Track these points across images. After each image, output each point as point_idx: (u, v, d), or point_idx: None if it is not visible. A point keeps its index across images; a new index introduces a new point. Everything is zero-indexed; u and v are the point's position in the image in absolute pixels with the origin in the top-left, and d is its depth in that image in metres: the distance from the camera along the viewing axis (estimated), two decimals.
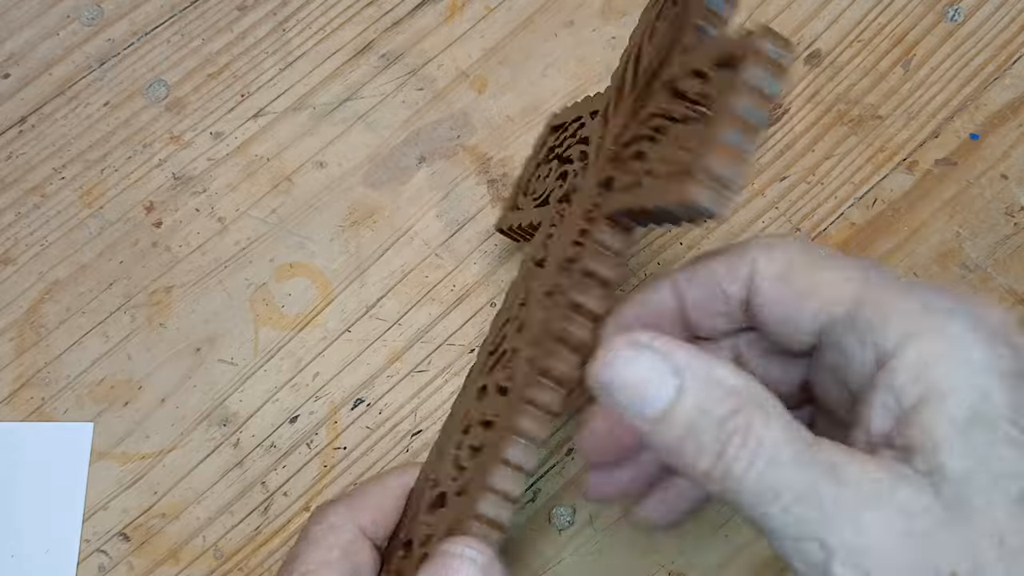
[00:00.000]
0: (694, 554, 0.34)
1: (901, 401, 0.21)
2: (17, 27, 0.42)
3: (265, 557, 0.35)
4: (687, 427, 0.22)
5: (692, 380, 0.22)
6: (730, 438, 0.21)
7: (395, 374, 0.37)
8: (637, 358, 0.22)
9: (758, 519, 0.21)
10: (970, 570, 0.20)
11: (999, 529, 0.20)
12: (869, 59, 0.40)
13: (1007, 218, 0.38)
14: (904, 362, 0.21)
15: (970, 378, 0.21)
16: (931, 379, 0.21)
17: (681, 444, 0.22)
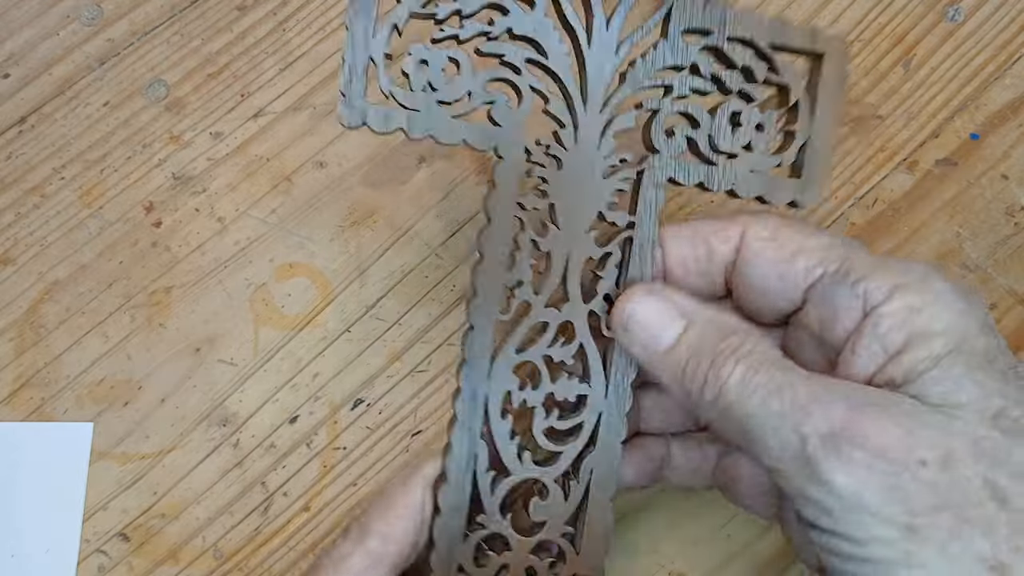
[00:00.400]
0: (694, 554, 0.34)
1: (886, 346, 0.24)
2: (17, 27, 0.42)
3: (265, 557, 0.35)
4: (691, 353, 0.26)
5: (697, 319, 0.26)
6: (722, 352, 0.25)
7: (395, 374, 0.37)
8: (653, 302, 0.27)
9: (744, 418, 0.24)
10: (940, 458, 0.22)
11: (974, 436, 0.22)
12: (869, 59, 0.40)
13: (1007, 218, 0.38)
14: (891, 310, 0.24)
15: (952, 323, 0.24)
16: (916, 325, 0.24)
17: (684, 368, 0.26)
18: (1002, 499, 0.22)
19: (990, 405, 0.23)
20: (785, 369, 0.24)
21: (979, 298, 0.25)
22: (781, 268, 0.27)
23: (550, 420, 0.28)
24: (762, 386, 0.24)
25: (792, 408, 0.23)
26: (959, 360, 0.23)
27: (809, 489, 0.23)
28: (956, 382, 0.23)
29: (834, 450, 0.22)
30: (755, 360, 0.25)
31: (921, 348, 0.24)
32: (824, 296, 0.26)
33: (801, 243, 0.27)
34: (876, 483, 0.22)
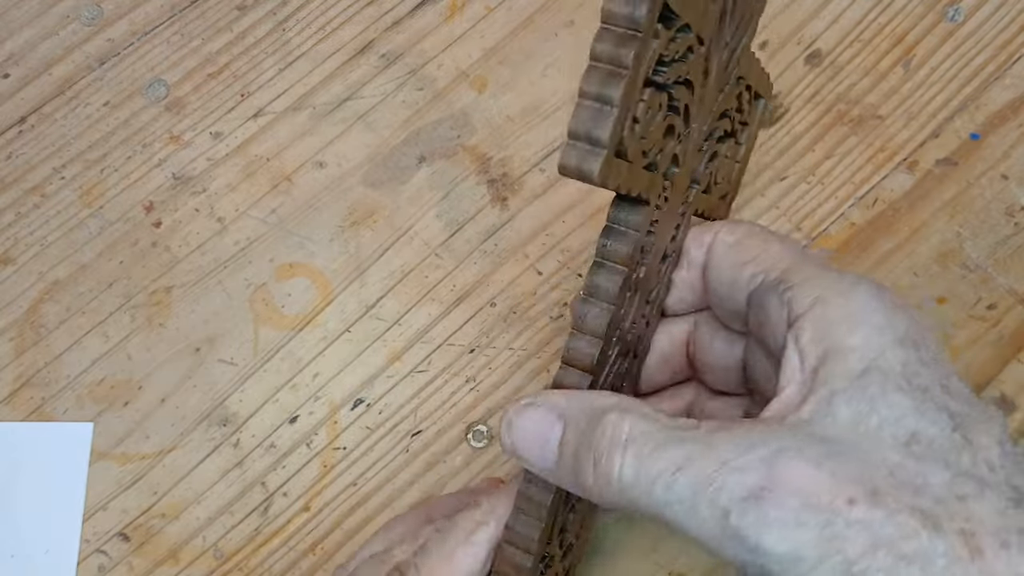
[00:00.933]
0: (694, 554, 0.34)
1: (804, 358, 0.23)
2: (17, 27, 0.42)
3: (265, 557, 0.35)
4: (574, 455, 0.24)
5: (570, 414, 0.24)
6: (599, 445, 0.23)
7: (395, 374, 0.37)
8: (527, 415, 0.25)
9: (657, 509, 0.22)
10: (866, 493, 0.21)
11: (889, 465, 0.21)
12: (869, 59, 0.40)
13: (1007, 218, 0.38)
14: (810, 321, 0.24)
15: (869, 338, 0.23)
16: (833, 338, 0.23)
17: (575, 474, 0.24)
18: (934, 525, 0.21)
19: (902, 428, 0.22)
20: (678, 441, 0.22)
21: (910, 311, 0.24)
22: (733, 274, 0.27)
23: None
24: (661, 472, 0.22)
25: (701, 484, 0.21)
26: (875, 378, 0.22)
27: (745, 557, 0.22)
28: (870, 403, 0.22)
29: (757, 515, 0.21)
30: (641, 444, 0.22)
31: (836, 364, 0.23)
32: (758, 302, 0.26)
33: (757, 251, 0.27)
34: (810, 536, 0.21)
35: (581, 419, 0.24)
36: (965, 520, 0.21)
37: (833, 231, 0.38)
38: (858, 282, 0.24)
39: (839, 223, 0.38)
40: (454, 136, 0.40)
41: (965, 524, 0.21)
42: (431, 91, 0.40)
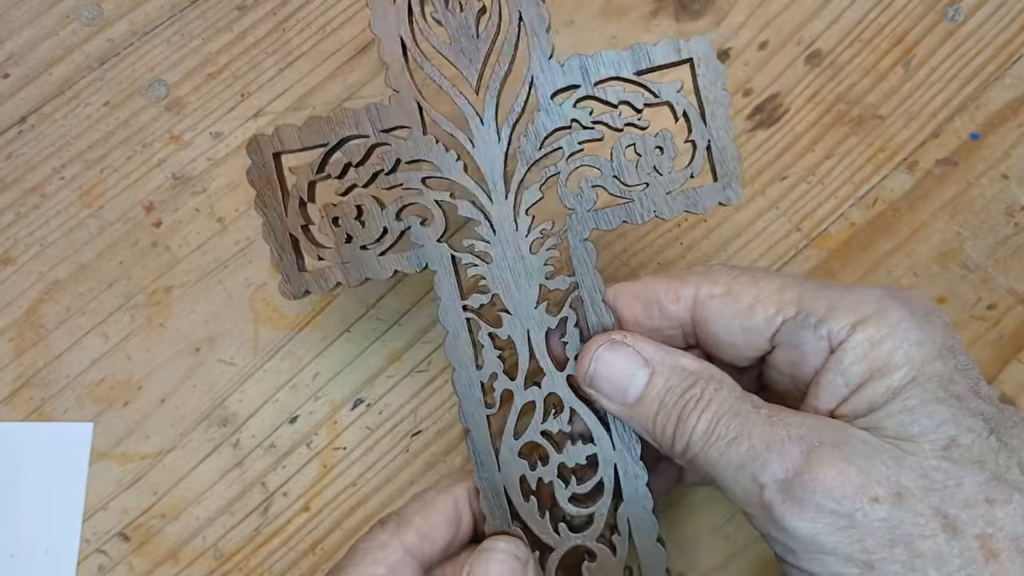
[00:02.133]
0: (694, 554, 0.34)
1: (848, 380, 0.25)
2: (17, 27, 0.42)
3: (265, 557, 0.35)
4: (659, 404, 0.26)
5: (660, 366, 0.27)
6: (688, 402, 0.26)
7: (395, 374, 0.37)
8: (614, 354, 0.27)
9: (709, 468, 0.25)
10: (892, 494, 0.23)
11: (924, 469, 0.23)
12: (869, 59, 0.40)
13: (1007, 218, 0.38)
14: (853, 346, 0.25)
15: (910, 355, 0.25)
16: (876, 358, 0.25)
17: (654, 419, 0.26)
18: (953, 530, 0.23)
19: (941, 435, 0.24)
20: (745, 416, 0.25)
21: (939, 318, 0.26)
22: (742, 321, 0.27)
23: (571, 488, 0.29)
24: (722, 437, 0.25)
25: (749, 457, 0.24)
26: (915, 391, 0.24)
27: (772, 531, 0.24)
28: (911, 414, 0.24)
29: (789, 496, 0.23)
30: (716, 410, 0.25)
31: (881, 381, 0.25)
32: (790, 342, 0.27)
33: (756, 293, 0.27)
34: (831, 524, 0.23)
35: (672, 375, 0.27)
36: (987, 524, 0.23)
37: (833, 231, 0.38)
38: (885, 298, 0.26)
39: (839, 223, 0.38)
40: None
41: (987, 528, 0.23)
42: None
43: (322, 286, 0.29)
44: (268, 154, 0.29)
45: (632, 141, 0.29)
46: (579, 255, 0.29)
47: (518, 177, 0.29)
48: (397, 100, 0.29)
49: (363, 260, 0.29)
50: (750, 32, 0.41)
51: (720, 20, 0.41)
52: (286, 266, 0.30)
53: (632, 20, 0.41)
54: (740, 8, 0.41)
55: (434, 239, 0.29)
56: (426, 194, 0.29)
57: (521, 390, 0.29)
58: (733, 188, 0.29)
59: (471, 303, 0.29)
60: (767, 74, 0.40)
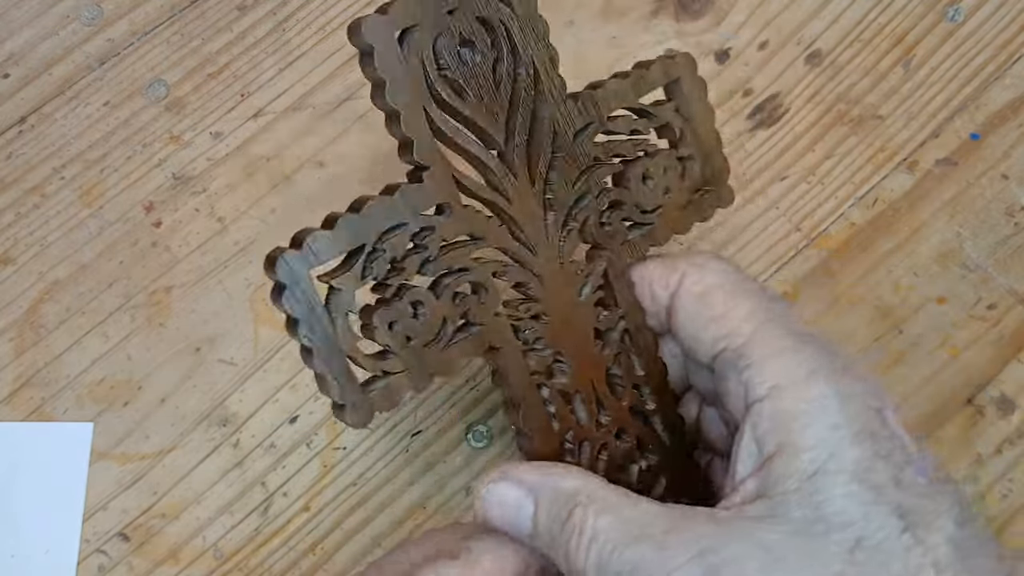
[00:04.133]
0: None
1: (762, 447, 0.24)
2: (17, 27, 0.42)
3: (265, 557, 0.35)
4: (548, 535, 0.25)
5: (542, 494, 0.25)
6: (569, 538, 0.24)
7: None
8: (499, 489, 0.26)
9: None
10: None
11: (834, 572, 0.22)
12: (869, 59, 0.40)
13: (1007, 218, 0.38)
14: (767, 412, 0.24)
15: (822, 438, 0.23)
16: (789, 433, 0.24)
17: (551, 549, 0.25)
18: None
19: (847, 536, 0.22)
20: (636, 541, 0.23)
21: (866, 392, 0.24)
22: (696, 331, 0.27)
23: None
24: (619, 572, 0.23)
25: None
26: (824, 481, 0.23)
27: None
28: (816, 509, 0.23)
29: None
30: (603, 542, 0.24)
31: (789, 463, 0.23)
32: (720, 372, 0.26)
33: (722, 309, 0.26)
34: None
35: (550, 502, 0.25)
36: None
37: (833, 231, 0.38)
38: (815, 368, 0.24)
39: (839, 223, 0.38)
40: None
41: None
42: None
43: (391, 401, 0.26)
44: (302, 273, 0.25)
45: (644, 167, 0.29)
46: (621, 290, 0.29)
47: (556, 226, 0.28)
48: (430, 177, 0.26)
49: (427, 359, 0.26)
50: (750, 32, 0.41)
51: (720, 20, 0.41)
52: (350, 395, 0.25)
53: (632, 20, 0.41)
54: (740, 8, 0.41)
55: (491, 313, 0.27)
56: (477, 270, 0.27)
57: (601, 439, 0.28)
58: (724, 190, 0.30)
59: (536, 366, 0.28)
60: (767, 74, 0.40)
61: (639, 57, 0.31)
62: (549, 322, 0.28)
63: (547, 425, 0.28)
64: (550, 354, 0.28)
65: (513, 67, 0.27)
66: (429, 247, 0.26)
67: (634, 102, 0.29)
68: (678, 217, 0.30)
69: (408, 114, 0.25)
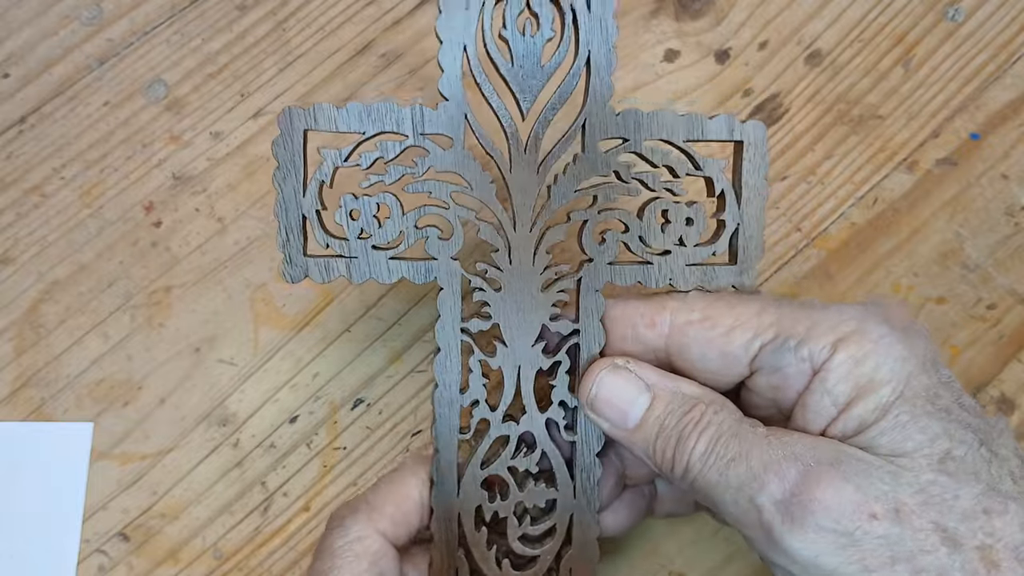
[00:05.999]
0: (694, 555, 0.34)
1: (836, 399, 0.25)
2: (17, 27, 0.42)
3: (265, 557, 0.35)
4: (659, 428, 0.26)
5: (661, 391, 0.27)
6: (687, 425, 0.26)
7: (395, 374, 0.37)
8: (616, 379, 0.27)
9: (708, 490, 0.25)
10: (890, 510, 0.23)
11: (921, 484, 0.23)
12: (869, 59, 0.40)
13: (1007, 218, 0.38)
14: (836, 365, 0.25)
15: (895, 369, 0.25)
16: (862, 376, 0.25)
17: (654, 443, 0.27)
18: (953, 543, 0.23)
19: (936, 449, 0.24)
20: (742, 437, 0.25)
21: (920, 331, 0.26)
22: (720, 347, 0.27)
23: (523, 527, 0.29)
24: (721, 458, 0.25)
25: (747, 478, 0.24)
26: (904, 407, 0.24)
27: (771, 554, 0.24)
28: (903, 430, 0.24)
29: (788, 517, 0.23)
30: (715, 432, 0.25)
31: (868, 399, 0.25)
32: (770, 366, 0.27)
33: (734, 318, 0.27)
34: (830, 544, 0.23)
35: (672, 400, 0.27)
36: (987, 535, 0.23)
37: (833, 231, 0.38)
38: (866, 315, 0.26)
39: (839, 223, 0.38)
40: None
41: (986, 539, 0.23)
42: (431, 91, 0.40)
43: (323, 275, 0.28)
44: (299, 129, 0.28)
45: (665, 207, 0.29)
46: (588, 305, 0.29)
47: (547, 214, 0.28)
48: (444, 108, 0.28)
49: (372, 260, 0.28)
50: (750, 32, 0.41)
51: (720, 20, 0.41)
52: (291, 247, 0.28)
53: (632, 20, 0.41)
54: (740, 8, 0.41)
55: (448, 255, 0.28)
56: (452, 208, 0.28)
57: (499, 422, 0.29)
58: (749, 275, 0.29)
59: (470, 327, 0.29)
60: (767, 74, 0.40)
61: (639, 57, 0.31)
62: (501, 296, 0.29)
63: (459, 381, 0.29)
64: (488, 324, 0.29)
65: (565, 53, 0.28)
66: (417, 165, 0.28)
67: (679, 141, 0.29)
68: (681, 271, 0.29)
69: (448, 46, 0.28)
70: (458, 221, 0.28)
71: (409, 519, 0.29)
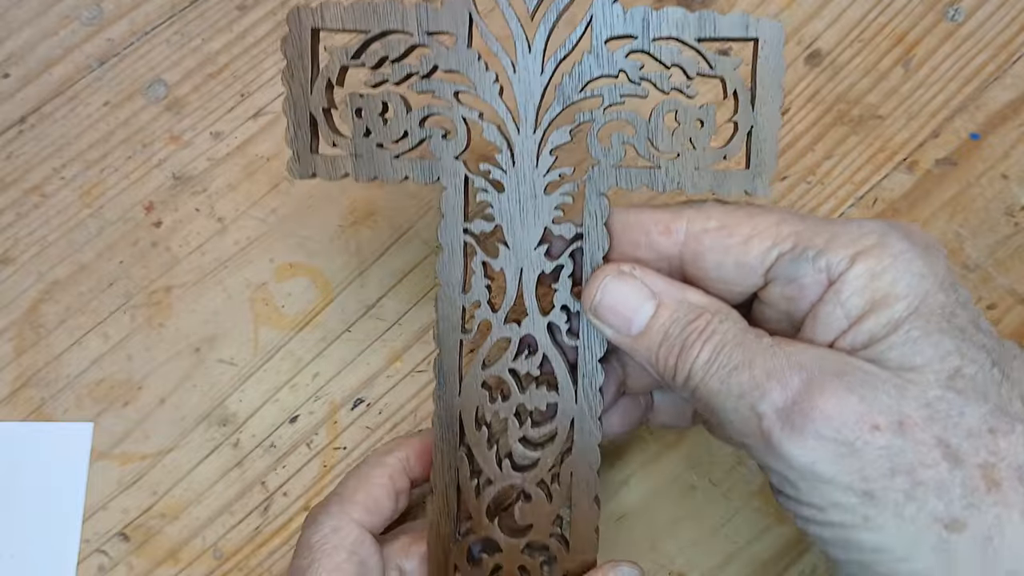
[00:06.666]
0: (694, 554, 0.34)
1: (848, 312, 0.25)
2: (17, 27, 0.42)
3: (265, 557, 0.35)
4: (663, 335, 0.26)
5: (667, 299, 0.26)
6: (691, 333, 0.25)
7: (395, 374, 0.37)
8: (621, 285, 0.27)
9: (710, 398, 0.25)
10: (894, 423, 0.23)
11: (928, 399, 0.23)
12: (869, 59, 0.40)
13: (1007, 218, 0.38)
14: (853, 277, 0.25)
15: (912, 285, 0.24)
16: (877, 289, 0.24)
17: (657, 351, 0.26)
18: (955, 459, 0.23)
19: (946, 366, 0.23)
20: (747, 346, 0.25)
21: (939, 252, 0.26)
22: (736, 256, 0.27)
23: (524, 429, 0.29)
24: (724, 366, 0.25)
25: (750, 386, 0.24)
26: (918, 323, 0.24)
27: (770, 462, 0.24)
28: (915, 344, 0.24)
29: (788, 425, 0.23)
30: (719, 340, 0.25)
31: (882, 312, 0.24)
32: (786, 275, 0.26)
33: (752, 227, 0.27)
34: (829, 453, 0.23)
35: (678, 308, 0.26)
36: (990, 454, 0.23)
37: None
38: (887, 231, 0.25)
39: None
40: None
41: (989, 457, 0.23)
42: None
43: (330, 172, 0.29)
44: (307, 27, 0.28)
45: (675, 107, 0.28)
46: (592, 208, 0.28)
47: (551, 114, 0.28)
48: (449, 5, 0.28)
49: (377, 158, 0.29)
50: None
51: None
52: (299, 144, 0.29)
53: None
54: (740, 8, 0.41)
55: (452, 155, 0.29)
56: (455, 108, 0.28)
57: (500, 324, 0.29)
58: (763, 180, 0.28)
59: (473, 227, 0.29)
60: None
61: None
62: (504, 196, 0.29)
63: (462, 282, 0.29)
64: (492, 225, 0.29)
65: None
66: (422, 64, 0.28)
67: (691, 38, 0.27)
68: (691, 174, 0.28)
69: None
70: (463, 121, 0.29)
71: (381, 505, 0.29)
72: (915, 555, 0.23)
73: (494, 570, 0.30)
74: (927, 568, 0.22)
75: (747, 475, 0.35)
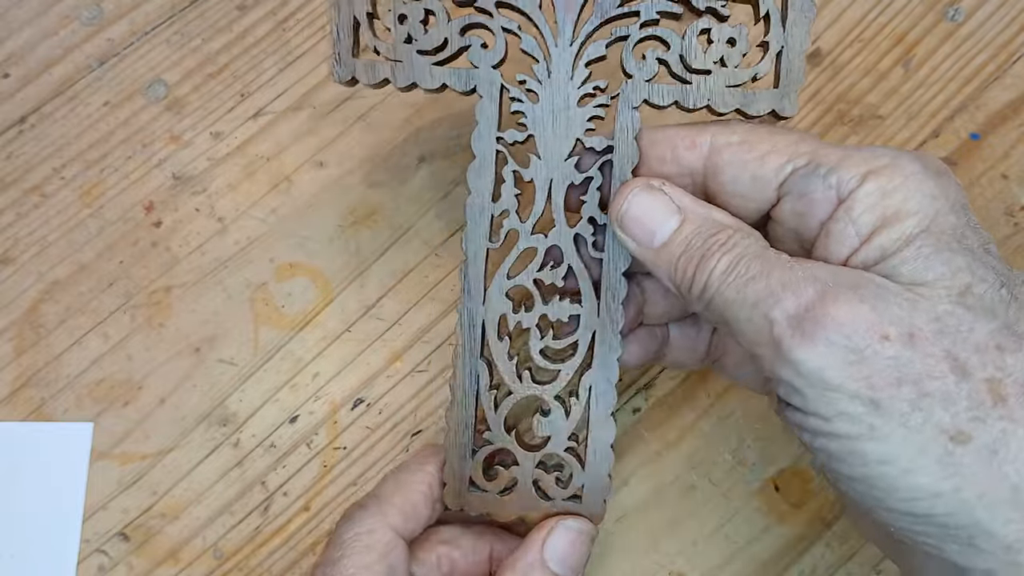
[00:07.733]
0: (694, 554, 0.34)
1: (859, 229, 0.25)
2: (17, 27, 0.42)
3: (265, 557, 0.35)
4: (684, 248, 0.26)
5: (691, 215, 0.27)
6: (712, 246, 0.26)
7: (395, 374, 0.37)
8: (648, 197, 0.27)
9: (724, 308, 0.25)
10: (903, 334, 0.23)
11: (938, 313, 0.23)
12: (869, 59, 0.40)
13: (1007, 218, 0.38)
14: (864, 195, 0.25)
15: (923, 203, 0.25)
16: (889, 206, 0.25)
17: (677, 263, 0.27)
18: (963, 372, 0.23)
19: (957, 282, 0.24)
20: (765, 259, 0.25)
21: (951, 179, 0.26)
22: (752, 170, 0.27)
23: (545, 340, 0.30)
24: (740, 276, 0.25)
25: (764, 294, 0.24)
26: (929, 240, 0.24)
27: (779, 370, 0.24)
28: (926, 260, 0.24)
29: (799, 331, 0.23)
30: (739, 253, 0.25)
31: (893, 229, 0.25)
32: (797, 190, 0.27)
33: (771, 144, 0.27)
34: (839, 360, 0.23)
35: (702, 223, 0.27)
36: (997, 369, 0.23)
37: None
38: (899, 155, 0.26)
39: None
40: (454, 136, 0.40)
41: (996, 372, 0.23)
42: None
43: (370, 77, 0.29)
44: None
45: (708, 26, 0.29)
46: (624, 122, 0.29)
47: (589, 27, 0.29)
48: None
49: (416, 64, 0.29)
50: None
51: None
52: (342, 48, 0.29)
53: None
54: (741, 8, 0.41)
55: (489, 64, 0.29)
56: (496, 18, 0.29)
57: (528, 234, 0.30)
58: (791, 99, 0.29)
59: (506, 137, 0.29)
60: None
61: None
62: (538, 107, 0.29)
63: (492, 190, 0.30)
64: (524, 135, 0.29)
65: None
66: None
67: None
68: (721, 92, 0.29)
69: None
70: (501, 31, 0.29)
71: (418, 511, 0.29)
72: (920, 467, 0.22)
73: (508, 484, 0.30)
74: (932, 482, 0.22)
75: (747, 475, 0.35)
